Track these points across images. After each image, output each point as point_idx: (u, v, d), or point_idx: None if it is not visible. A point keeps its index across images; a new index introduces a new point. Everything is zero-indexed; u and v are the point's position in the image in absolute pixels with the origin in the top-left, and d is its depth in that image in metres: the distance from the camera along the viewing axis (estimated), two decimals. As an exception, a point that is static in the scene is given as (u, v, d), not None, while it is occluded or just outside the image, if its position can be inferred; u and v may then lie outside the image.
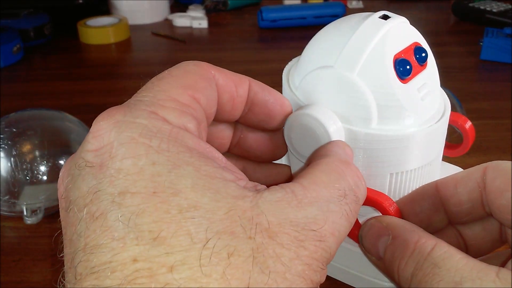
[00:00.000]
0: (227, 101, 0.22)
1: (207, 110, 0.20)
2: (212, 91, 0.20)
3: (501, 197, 0.22)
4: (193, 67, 0.21)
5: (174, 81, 0.19)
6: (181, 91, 0.18)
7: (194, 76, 0.20)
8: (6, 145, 0.41)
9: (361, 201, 0.20)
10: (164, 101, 0.18)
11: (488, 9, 0.85)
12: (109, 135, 0.16)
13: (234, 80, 0.22)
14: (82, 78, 0.70)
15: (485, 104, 0.60)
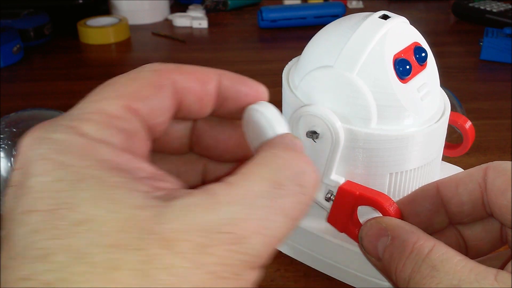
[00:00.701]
0: (194, 102, 0.21)
1: (151, 120, 0.19)
2: (161, 99, 0.20)
3: (502, 197, 0.22)
4: (145, 73, 0.20)
5: (112, 90, 0.19)
6: (113, 101, 0.18)
7: (139, 83, 0.19)
8: (6, 145, 0.41)
9: (310, 190, 0.18)
10: (91, 114, 0.17)
11: (488, 9, 0.85)
12: (27, 153, 0.16)
13: (200, 78, 0.21)
14: (82, 78, 0.70)
15: (485, 104, 0.60)
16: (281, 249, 0.36)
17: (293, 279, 0.35)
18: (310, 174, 0.18)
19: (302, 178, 0.18)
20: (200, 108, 0.21)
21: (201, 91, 0.21)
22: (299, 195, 0.17)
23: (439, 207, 0.25)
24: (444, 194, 0.25)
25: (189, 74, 0.21)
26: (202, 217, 0.15)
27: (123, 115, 0.18)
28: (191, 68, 0.21)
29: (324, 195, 0.32)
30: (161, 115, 0.20)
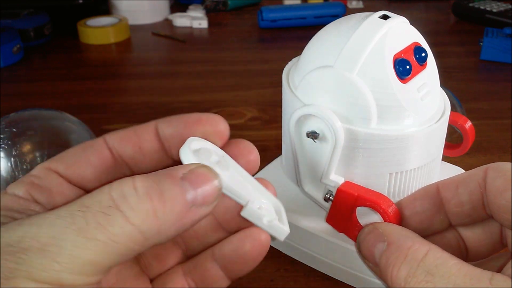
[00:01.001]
0: (134, 153, 0.23)
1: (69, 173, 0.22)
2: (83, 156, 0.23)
3: (501, 197, 0.22)
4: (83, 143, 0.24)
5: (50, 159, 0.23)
6: (40, 165, 0.22)
7: (71, 149, 0.23)
8: (6, 145, 0.41)
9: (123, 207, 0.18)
10: (22, 177, 0.22)
11: (488, 9, 0.85)
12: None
13: (136, 130, 0.23)
14: (82, 78, 0.70)
15: (485, 104, 0.60)
16: (281, 249, 0.36)
17: (293, 279, 0.35)
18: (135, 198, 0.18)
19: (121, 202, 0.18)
20: (143, 156, 0.23)
21: (136, 140, 0.23)
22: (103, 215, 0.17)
23: (440, 207, 0.25)
24: (444, 194, 0.25)
25: (126, 131, 0.23)
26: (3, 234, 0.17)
27: (39, 173, 0.22)
28: (129, 128, 0.23)
29: (323, 195, 0.32)
30: (85, 169, 0.22)
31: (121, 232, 0.17)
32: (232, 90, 0.64)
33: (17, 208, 0.20)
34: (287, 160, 0.34)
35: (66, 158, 0.23)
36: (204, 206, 0.19)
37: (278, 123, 0.36)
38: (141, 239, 0.18)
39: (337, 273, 0.34)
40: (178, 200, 0.19)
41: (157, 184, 0.19)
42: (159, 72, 0.72)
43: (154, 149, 0.23)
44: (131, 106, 0.60)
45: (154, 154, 0.23)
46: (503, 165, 0.23)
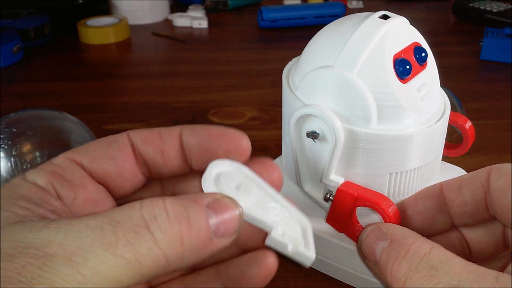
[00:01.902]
0: (155, 155, 0.23)
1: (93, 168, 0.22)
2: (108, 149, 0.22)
3: (503, 197, 0.22)
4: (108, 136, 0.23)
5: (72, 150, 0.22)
6: (62, 155, 0.22)
7: (94, 143, 0.23)
8: (6, 145, 0.41)
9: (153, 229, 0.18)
10: (42, 165, 0.21)
11: (488, 9, 0.85)
12: None
13: (161, 133, 0.23)
14: (82, 78, 0.70)
15: (485, 104, 0.60)
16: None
17: (293, 279, 0.35)
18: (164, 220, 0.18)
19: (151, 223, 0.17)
20: (164, 160, 0.23)
21: (159, 143, 0.23)
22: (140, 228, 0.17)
23: (442, 207, 0.25)
24: (447, 194, 0.25)
25: (149, 131, 0.23)
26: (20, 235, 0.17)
27: (62, 164, 0.21)
28: (152, 128, 0.23)
29: (323, 195, 0.32)
30: (109, 164, 0.22)
31: (148, 253, 0.17)
32: (232, 90, 0.64)
33: (36, 199, 0.19)
34: (287, 160, 0.34)
35: (90, 151, 0.22)
36: (225, 237, 0.19)
37: (278, 123, 0.36)
38: (164, 263, 0.17)
39: (337, 273, 0.34)
40: (203, 228, 0.18)
41: (185, 209, 0.18)
42: (159, 72, 0.72)
43: (175, 155, 0.23)
44: (131, 106, 0.60)
45: (173, 160, 0.23)
46: (505, 166, 0.23)
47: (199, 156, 0.22)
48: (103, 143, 0.22)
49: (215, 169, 0.21)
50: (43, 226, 0.17)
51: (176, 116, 0.58)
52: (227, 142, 0.22)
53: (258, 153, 0.50)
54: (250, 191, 0.21)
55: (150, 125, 0.56)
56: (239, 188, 0.21)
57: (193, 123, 0.56)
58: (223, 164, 0.22)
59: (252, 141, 0.24)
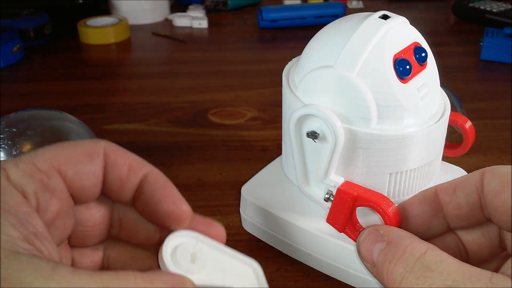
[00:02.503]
0: (114, 181, 0.23)
1: (77, 181, 0.22)
2: (90, 166, 0.22)
3: (497, 199, 0.22)
4: (86, 143, 0.23)
5: (50, 150, 0.22)
6: (44, 159, 0.21)
7: (75, 150, 0.22)
8: (6, 145, 0.41)
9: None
10: (23, 163, 0.20)
11: (488, 9, 0.85)
12: None
13: (132, 165, 0.23)
14: (82, 78, 0.70)
15: (485, 104, 0.60)
16: (281, 249, 0.36)
17: (293, 279, 0.35)
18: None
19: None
20: (118, 190, 0.23)
21: (124, 174, 0.23)
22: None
23: (438, 210, 0.25)
24: (442, 197, 0.25)
25: (123, 157, 0.23)
26: (27, 278, 0.16)
27: (48, 172, 0.21)
28: (128, 153, 0.23)
29: (323, 195, 0.32)
30: (88, 180, 0.22)
31: None
32: (232, 90, 0.64)
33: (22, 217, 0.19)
34: (287, 160, 0.34)
35: (75, 161, 0.22)
36: None
37: (278, 123, 0.36)
38: None
39: (337, 273, 0.34)
40: None
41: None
42: (159, 72, 0.72)
43: (129, 192, 0.23)
44: (131, 106, 0.60)
45: (125, 195, 0.23)
46: (499, 168, 0.23)
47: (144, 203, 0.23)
48: (85, 154, 0.22)
49: (171, 243, 0.23)
50: (49, 274, 0.17)
51: (176, 116, 0.58)
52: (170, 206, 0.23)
53: (258, 153, 0.50)
54: (204, 258, 0.23)
55: (150, 125, 0.56)
56: (194, 258, 0.22)
57: (193, 123, 0.56)
58: (178, 236, 0.23)
59: (252, 141, 0.24)
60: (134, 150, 0.24)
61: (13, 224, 0.18)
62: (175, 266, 0.22)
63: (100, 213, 0.24)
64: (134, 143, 0.52)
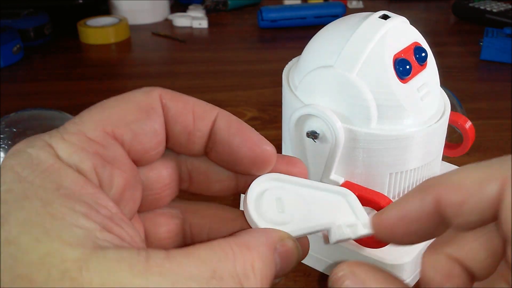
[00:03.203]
0: (180, 134, 0.20)
1: (137, 145, 0.19)
2: (150, 123, 0.19)
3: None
4: (136, 95, 0.19)
5: (98, 113, 0.19)
6: (95, 125, 0.18)
7: (126, 107, 0.19)
8: (6, 145, 0.41)
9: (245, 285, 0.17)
10: (70, 135, 0.17)
11: (488, 9, 0.85)
12: (3, 161, 0.16)
13: (196, 111, 0.20)
14: (82, 78, 0.70)
15: (485, 104, 0.60)
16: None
17: (293, 279, 0.35)
18: (254, 277, 0.17)
19: (244, 281, 0.17)
20: (187, 142, 0.20)
21: (191, 124, 0.20)
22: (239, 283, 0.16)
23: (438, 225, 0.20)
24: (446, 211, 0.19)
25: (184, 103, 0.20)
26: (124, 277, 0.14)
27: (103, 141, 0.18)
28: (188, 98, 0.20)
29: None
30: (150, 140, 0.19)
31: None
32: (232, 90, 0.64)
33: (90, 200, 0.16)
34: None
35: (130, 122, 0.18)
36: (278, 278, 0.19)
37: (278, 123, 0.36)
38: None
39: (337, 273, 0.34)
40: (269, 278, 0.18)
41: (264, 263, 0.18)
42: (159, 72, 0.72)
43: (199, 141, 0.20)
44: (131, 106, 0.60)
45: (196, 146, 0.20)
46: None
47: (221, 152, 0.20)
48: (140, 109, 0.19)
49: (254, 192, 0.21)
50: (145, 268, 0.15)
51: (176, 116, 0.58)
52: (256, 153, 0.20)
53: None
54: (292, 203, 0.21)
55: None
56: (282, 205, 0.21)
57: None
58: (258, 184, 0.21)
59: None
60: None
61: (84, 214, 0.15)
62: (264, 221, 0.20)
63: (167, 170, 0.21)
64: (134, 143, 0.52)
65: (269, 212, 0.20)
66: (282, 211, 0.21)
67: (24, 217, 0.14)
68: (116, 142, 0.18)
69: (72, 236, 0.14)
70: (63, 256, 0.14)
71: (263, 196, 0.21)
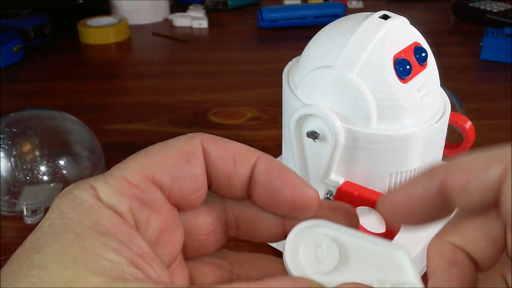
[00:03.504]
0: (221, 177, 0.21)
1: (178, 190, 0.19)
2: (188, 169, 0.20)
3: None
4: (179, 141, 0.20)
5: (141, 159, 0.19)
6: (136, 170, 0.19)
7: (168, 153, 0.20)
8: (6, 145, 0.41)
9: None
10: (113, 179, 0.18)
11: (488, 9, 0.85)
12: (54, 200, 0.18)
13: (236, 156, 0.21)
14: (82, 78, 0.70)
15: (485, 104, 0.60)
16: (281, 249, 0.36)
17: (293, 279, 0.35)
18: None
19: None
20: (228, 186, 0.21)
21: (231, 169, 0.20)
22: None
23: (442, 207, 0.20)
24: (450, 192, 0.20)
25: (225, 148, 0.21)
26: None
27: (142, 185, 0.18)
28: (229, 143, 0.21)
29: (323, 195, 0.32)
30: (189, 185, 0.20)
31: None
32: (232, 90, 0.64)
33: (123, 238, 0.17)
34: (287, 160, 0.34)
35: (170, 167, 0.19)
36: None
37: (278, 123, 0.36)
38: None
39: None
40: None
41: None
42: (159, 72, 0.72)
43: (241, 185, 0.21)
44: (131, 106, 0.60)
45: (237, 189, 0.21)
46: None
47: (262, 194, 0.21)
48: (181, 156, 0.20)
49: (294, 239, 0.20)
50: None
51: (176, 116, 0.58)
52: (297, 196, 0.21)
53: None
54: (334, 253, 0.20)
55: (150, 125, 0.56)
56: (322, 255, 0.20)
57: (193, 123, 0.56)
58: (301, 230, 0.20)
59: (252, 141, 0.24)
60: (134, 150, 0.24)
61: (115, 249, 0.16)
62: (296, 269, 0.19)
63: (211, 217, 0.22)
64: (134, 143, 0.52)
65: (306, 260, 0.20)
66: (320, 261, 0.20)
67: (58, 247, 0.16)
68: (155, 186, 0.19)
69: (98, 266, 0.16)
70: (85, 282, 0.15)
71: (302, 243, 0.20)
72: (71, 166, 0.42)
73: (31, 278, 0.15)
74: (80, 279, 0.15)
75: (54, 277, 0.15)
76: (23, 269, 0.16)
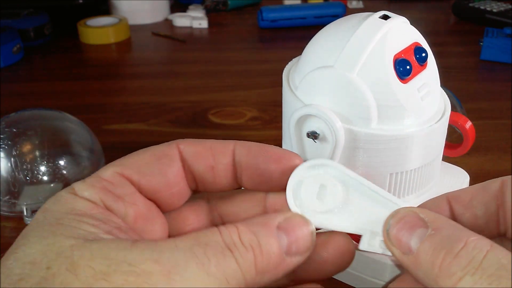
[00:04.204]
0: (204, 171, 0.22)
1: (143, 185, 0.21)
2: (158, 166, 0.21)
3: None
4: (157, 146, 0.22)
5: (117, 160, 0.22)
6: (110, 168, 0.21)
7: (142, 155, 0.22)
8: (6, 145, 0.41)
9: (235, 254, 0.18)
10: (90, 178, 0.21)
11: (488, 9, 0.85)
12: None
13: (213, 148, 0.22)
14: (82, 78, 0.70)
15: (485, 104, 0.60)
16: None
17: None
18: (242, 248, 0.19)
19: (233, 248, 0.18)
20: (214, 178, 0.22)
21: (211, 160, 0.22)
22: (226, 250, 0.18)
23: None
24: (456, 207, 0.22)
25: (202, 145, 0.22)
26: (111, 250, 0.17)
27: (113, 180, 0.21)
28: (205, 140, 0.22)
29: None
30: (158, 181, 0.21)
31: (233, 275, 0.18)
32: (232, 90, 0.64)
33: (99, 216, 0.19)
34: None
35: (140, 165, 0.21)
36: (298, 255, 0.20)
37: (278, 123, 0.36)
38: (243, 284, 0.18)
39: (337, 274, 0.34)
40: (274, 251, 0.19)
41: (256, 236, 0.19)
42: (159, 72, 0.72)
43: (225, 173, 0.22)
44: (131, 106, 0.60)
45: (223, 178, 0.22)
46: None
47: (251, 176, 0.22)
48: (153, 156, 0.22)
49: (295, 178, 0.21)
50: (131, 244, 0.17)
51: (176, 116, 0.58)
52: (284, 165, 0.22)
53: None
54: (334, 195, 0.20)
55: (150, 125, 0.56)
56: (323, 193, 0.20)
57: (193, 123, 0.56)
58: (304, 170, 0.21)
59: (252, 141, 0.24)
60: (134, 150, 0.24)
61: (92, 224, 0.18)
62: (294, 203, 0.20)
63: (197, 216, 0.23)
64: (134, 143, 0.52)
65: (306, 197, 0.20)
66: (321, 200, 0.20)
67: (39, 230, 0.18)
68: (126, 180, 0.21)
69: (74, 233, 0.18)
70: (60, 243, 0.17)
71: (308, 179, 0.20)
72: (71, 166, 0.42)
73: (16, 254, 0.17)
74: (57, 243, 0.17)
75: (35, 246, 0.17)
76: (10, 251, 0.18)
